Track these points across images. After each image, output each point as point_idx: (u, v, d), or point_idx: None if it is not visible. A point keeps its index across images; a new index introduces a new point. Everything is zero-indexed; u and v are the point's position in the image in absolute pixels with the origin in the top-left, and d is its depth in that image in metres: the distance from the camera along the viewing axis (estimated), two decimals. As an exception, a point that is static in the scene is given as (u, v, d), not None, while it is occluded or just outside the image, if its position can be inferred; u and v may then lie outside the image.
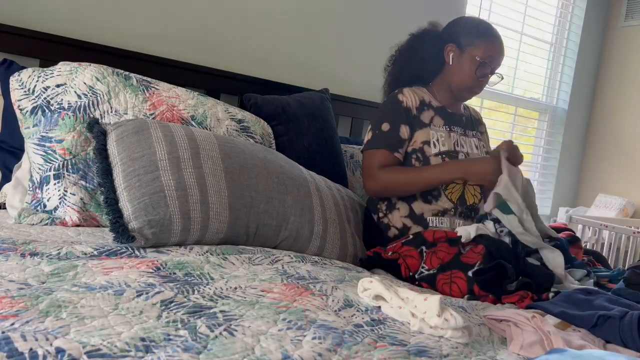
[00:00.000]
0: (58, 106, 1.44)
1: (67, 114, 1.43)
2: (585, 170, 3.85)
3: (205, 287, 0.97)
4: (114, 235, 1.15)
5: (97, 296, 0.84)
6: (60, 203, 1.37)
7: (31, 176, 1.41)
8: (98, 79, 1.50)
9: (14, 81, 1.47)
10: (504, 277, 1.33)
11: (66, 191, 1.38)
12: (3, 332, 0.66)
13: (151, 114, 1.53)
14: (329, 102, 2.11)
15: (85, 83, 1.48)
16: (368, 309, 1.01)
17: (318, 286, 1.08)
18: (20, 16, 1.73)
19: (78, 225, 1.36)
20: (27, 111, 1.43)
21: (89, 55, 1.74)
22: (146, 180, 1.23)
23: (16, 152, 1.61)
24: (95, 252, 1.08)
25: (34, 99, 1.44)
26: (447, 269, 1.37)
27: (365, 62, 2.55)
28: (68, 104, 1.44)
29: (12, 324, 0.69)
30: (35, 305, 0.76)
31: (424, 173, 1.60)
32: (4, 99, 1.61)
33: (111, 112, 1.48)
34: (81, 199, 1.38)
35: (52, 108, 1.43)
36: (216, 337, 0.76)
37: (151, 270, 1.01)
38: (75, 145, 1.41)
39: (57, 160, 1.39)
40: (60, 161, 1.39)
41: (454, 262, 1.38)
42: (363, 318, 0.95)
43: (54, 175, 1.38)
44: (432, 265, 1.40)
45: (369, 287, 1.06)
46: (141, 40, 1.95)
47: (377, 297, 1.04)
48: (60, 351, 0.63)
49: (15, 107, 1.45)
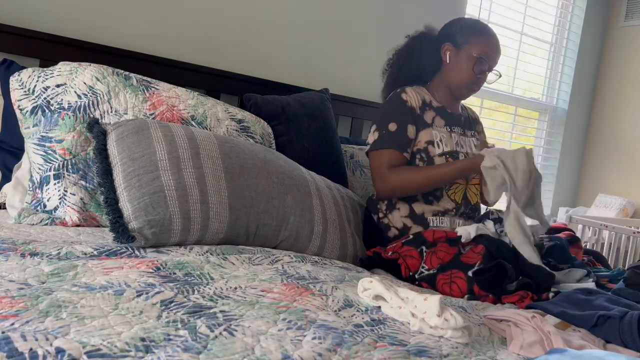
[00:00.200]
0: (58, 106, 1.44)
1: (67, 114, 1.43)
2: (585, 170, 3.85)
3: (205, 287, 0.97)
4: (114, 235, 1.15)
5: (97, 296, 0.84)
6: (60, 203, 1.37)
7: (31, 176, 1.41)
8: (98, 79, 1.50)
9: (14, 81, 1.47)
10: (504, 277, 1.33)
11: (66, 191, 1.38)
12: (3, 332, 0.66)
13: (151, 114, 1.53)
14: (329, 102, 2.11)
15: (85, 83, 1.48)
16: (368, 309, 1.01)
17: (318, 286, 1.08)
18: (20, 16, 1.73)
19: (78, 225, 1.36)
20: (27, 111, 1.43)
21: (89, 55, 1.74)
22: (146, 180, 1.23)
23: (16, 152, 1.61)
24: (95, 252, 1.08)
25: (34, 99, 1.44)
26: (447, 269, 1.37)
27: (365, 62, 2.54)
28: (68, 104, 1.44)
29: (12, 324, 0.69)
30: (35, 305, 0.76)
31: (435, 171, 1.58)
32: (4, 99, 1.61)
33: (111, 112, 1.48)
34: (81, 199, 1.38)
35: (52, 108, 1.43)
36: (216, 337, 0.76)
37: (151, 270, 1.01)
38: (75, 145, 1.41)
39: (57, 160, 1.39)
40: (60, 161, 1.39)
41: (454, 262, 1.38)
42: (363, 318, 0.95)
43: (54, 175, 1.38)
44: (432, 265, 1.40)
45: (369, 287, 1.06)
46: (141, 40, 1.95)
47: (377, 297, 1.04)
48: (60, 351, 0.63)
49: (15, 107, 1.45)
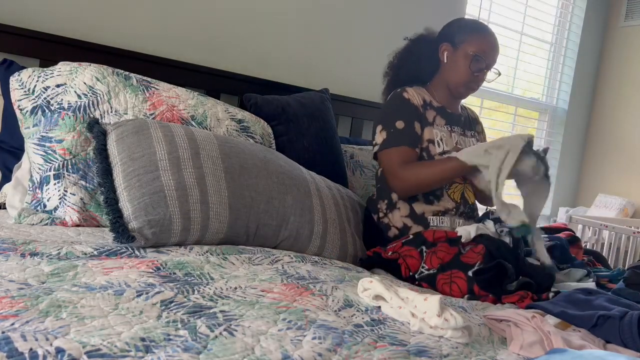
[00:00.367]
0: (58, 106, 1.44)
1: (67, 114, 1.43)
2: (585, 170, 3.85)
3: (205, 287, 0.97)
4: (114, 235, 1.15)
5: (97, 296, 0.84)
6: (60, 203, 1.37)
7: (31, 176, 1.41)
8: (98, 79, 1.50)
9: (14, 81, 1.47)
10: (504, 277, 1.33)
11: (66, 191, 1.38)
12: (3, 332, 0.66)
13: (151, 114, 1.53)
14: (329, 102, 2.11)
15: (85, 83, 1.48)
16: (368, 309, 1.01)
17: (318, 286, 1.08)
18: (20, 16, 1.73)
19: (78, 225, 1.36)
20: (27, 111, 1.43)
21: (89, 55, 1.74)
22: (146, 180, 1.23)
23: (16, 152, 1.61)
24: (95, 252, 1.08)
25: (34, 99, 1.44)
26: (447, 269, 1.37)
27: (365, 62, 2.54)
28: (68, 104, 1.44)
29: (12, 324, 0.69)
30: (35, 305, 0.76)
31: (447, 164, 1.53)
32: (4, 99, 1.61)
33: (111, 112, 1.48)
34: (81, 199, 1.38)
35: (52, 108, 1.43)
36: (216, 337, 0.76)
37: (151, 270, 1.01)
38: (75, 145, 1.41)
39: (57, 160, 1.39)
40: (60, 161, 1.39)
41: (454, 262, 1.38)
42: (363, 318, 0.95)
43: (54, 175, 1.38)
44: (432, 265, 1.40)
45: (369, 287, 1.06)
46: (141, 40, 1.94)
47: (377, 297, 1.04)
48: (60, 351, 0.63)
49: (15, 107, 1.45)
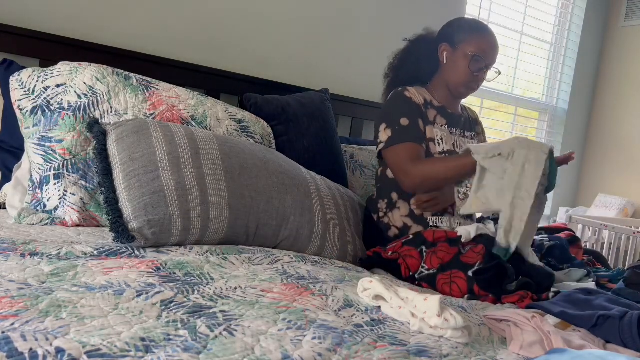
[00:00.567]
0: (58, 106, 1.44)
1: (67, 114, 1.43)
2: (585, 170, 3.85)
3: (205, 287, 0.97)
4: (114, 235, 1.15)
5: (97, 296, 0.84)
6: (60, 203, 1.37)
7: (31, 176, 1.41)
8: (98, 79, 1.50)
9: (14, 81, 1.47)
10: (504, 277, 1.33)
11: (66, 191, 1.38)
12: (3, 332, 0.66)
13: (151, 114, 1.53)
14: (329, 102, 2.11)
15: (85, 83, 1.48)
16: (368, 309, 1.01)
17: (318, 286, 1.08)
18: (20, 16, 1.73)
19: (78, 225, 1.36)
20: (27, 111, 1.43)
21: (89, 55, 1.74)
22: (146, 180, 1.23)
23: (16, 152, 1.61)
24: (95, 252, 1.08)
25: (34, 99, 1.44)
26: (447, 269, 1.37)
27: (365, 62, 2.54)
28: (68, 104, 1.44)
29: (12, 324, 0.69)
30: (35, 305, 0.76)
31: (455, 162, 1.51)
32: (4, 99, 1.61)
33: (111, 112, 1.48)
34: (81, 199, 1.38)
35: (52, 108, 1.43)
36: (216, 337, 0.76)
37: (151, 270, 1.01)
38: (75, 145, 1.41)
39: (57, 160, 1.39)
40: (60, 161, 1.39)
41: (454, 262, 1.38)
42: (363, 318, 0.95)
43: (54, 175, 1.38)
44: (432, 265, 1.40)
45: (369, 287, 1.06)
46: (141, 40, 1.94)
47: (377, 297, 1.04)
48: (60, 351, 0.63)
49: (15, 107, 1.45)
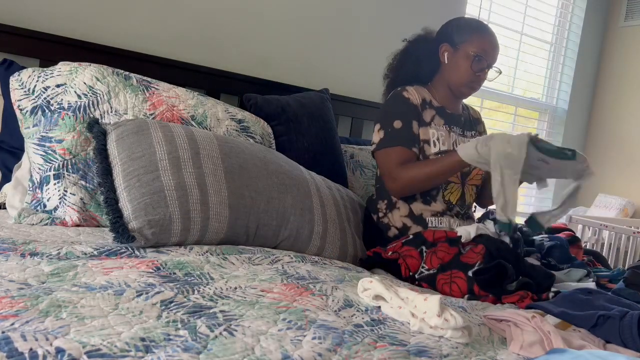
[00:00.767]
0: (58, 106, 1.44)
1: (67, 114, 1.43)
2: (585, 170, 3.84)
3: (205, 287, 0.97)
4: (114, 235, 1.15)
5: (97, 296, 0.84)
6: (60, 203, 1.37)
7: (31, 176, 1.41)
8: (98, 79, 1.50)
9: (14, 81, 1.47)
10: (504, 277, 1.33)
11: (66, 191, 1.38)
12: (3, 332, 0.66)
13: (151, 114, 1.53)
14: (329, 102, 2.11)
15: (85, 83, 1.48)
16: (368, 309, 1.01)
17: (318, 286, 1.08)
18: (20, 16, 1.73)
19: (78, 225, 1.36)
20: (27, 111, 1.43)
21: (89, 55, 1.74)
22: (146, 180, 1.23)
23: (16, 152, 1.61)
24: (95, 252, 1.08)
25: (34, 99, 1.44)
26: (447, 269, 1.37)
27: (365, 62, 2.54)
28: (68, 104, 1.44)
29: (12, 324, 0.69)
30: (35, 305, 0.76)
31: (441, 162, 1.52)
32: (4, 99, 1.61)
33: (111, 112, 1.48)
34: (81, 199, 1.38)
35: (52, 108, 1.43)
36: (216, 337, 0.76)
37: (151, 270, 1.01)
38: (75, 145, 1.41)
39: (57, 160, 1.39)
40: (60, 161, 1.39)
41: (454, 262, 1.38)
42: (363, 318, 0.95)
43: (54, 175, 1.38)
44: (432, 265, 1.40)
45: (369, 287, 1.06)
46: (141, 40, 1.94)
47: (377, 297, 1.04)
48: (60, 351, 0.63)
49: (15, 107, 1.45)
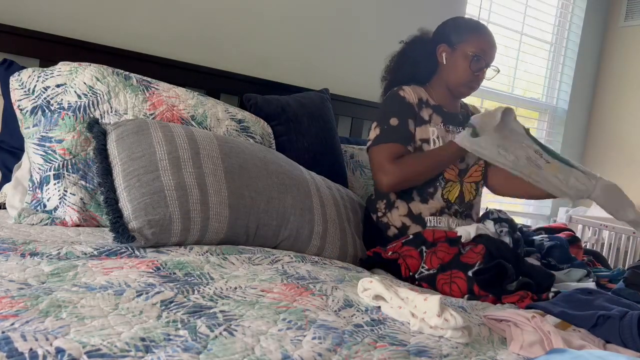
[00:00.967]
0: (58, 106, 1.44)
1: (67, 114, 1.43)
2: (585, 170, 3.84)
3: (205, 287, 0.97)
4: (114, 235, 1.15)
5: (97, 296, 0.84)
6: (60, 203, 1.37)
7: (31, 176, 1.41)
8: (98, 79, 1.50)
9: (14, 81, 1.47)
10: (504, 277, 1.33)
11: (66, 191, 1.38)
12: (3, 332, 0.66)
13: (151, 114, 1.53)
14: (329, 102, 2.11)
15: (85, 83, 1.48)
16: (368, 309, 1.01)
17: (318, 286, 1.08)
18: (20, 16, 1.73)
19: (78, 225, 1.36)
20: (27, 111, 1.43)
21: (89, 55, 1.74)
22: (146, 180, 1.23)
23: (16, 152, 1.61)
24: (95, 252, 1.08)
25: (34, 99, 1.44)
26: (447, 269, 1.37)
27: (365, 62, 2.54)
28: (68, 104, 1.44)
29: (12, 324, 0.69)
30: (35, 305, 0.76)
31: (434, 153, 1.57)
32: (4, 99, 1.61)
33: (111, 112, 1.48)
34: (81, 199, 1.38)
35: (52, 108, 1.43)
36: (216, 337, 0.76)
37: (151, 270, 1.01)
38: (75, 145, 1.41)
39: (57, 160, 1.39)
40: (60, 161, 1.39)
41: (454, 262, 1.38)
42: (363, 318, 0.95)
43: (54, 175, 1.38)
44: (432, 265, 1.40)
45: (369, 287, 1.06)
46: (141, 40, 1.94)
47: (377, 297, 1.04)
48: (60, 351, 0.63)
49: (15, 107, 1.45)
